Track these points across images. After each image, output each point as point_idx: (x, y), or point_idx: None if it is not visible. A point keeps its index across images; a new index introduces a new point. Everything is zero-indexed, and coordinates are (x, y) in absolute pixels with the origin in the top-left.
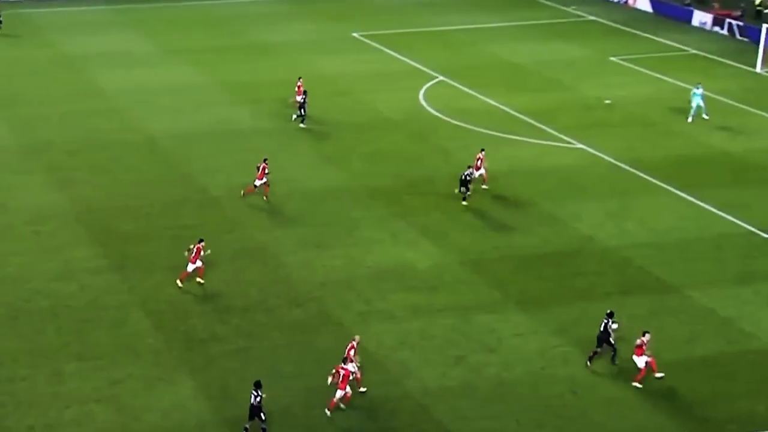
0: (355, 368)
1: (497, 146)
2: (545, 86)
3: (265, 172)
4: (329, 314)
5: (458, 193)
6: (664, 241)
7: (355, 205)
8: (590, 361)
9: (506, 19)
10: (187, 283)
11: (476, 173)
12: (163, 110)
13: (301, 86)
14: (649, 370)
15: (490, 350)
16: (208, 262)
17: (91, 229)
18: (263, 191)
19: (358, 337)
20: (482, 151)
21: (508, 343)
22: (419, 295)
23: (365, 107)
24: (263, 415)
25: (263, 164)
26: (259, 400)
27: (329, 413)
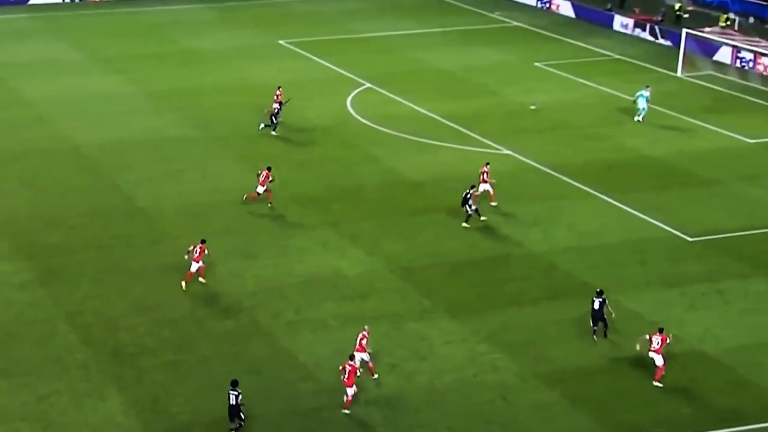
0: (367, 357)
1: (425, 153)
2: (471, 92)
3: (268, 179)
4: (260, 324)
5: (469, 213)
6: (590, 245)
7: (284, 213)
8: (595, 335)
9: (432, 25)
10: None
11: (482, 188)
12: (89, 119)
13: (280, 95)
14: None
15: (421, 358)
16: (136, 274)
17: (15, 241)
18: (266, 198)
19: (367, 327)
20: (487, 164)
21: (439, 350)
22: (350, 303)
23: (294, 115)
24: (242, 414)
25: (265, 171)
26: (237, 399)
27: (347, 412)
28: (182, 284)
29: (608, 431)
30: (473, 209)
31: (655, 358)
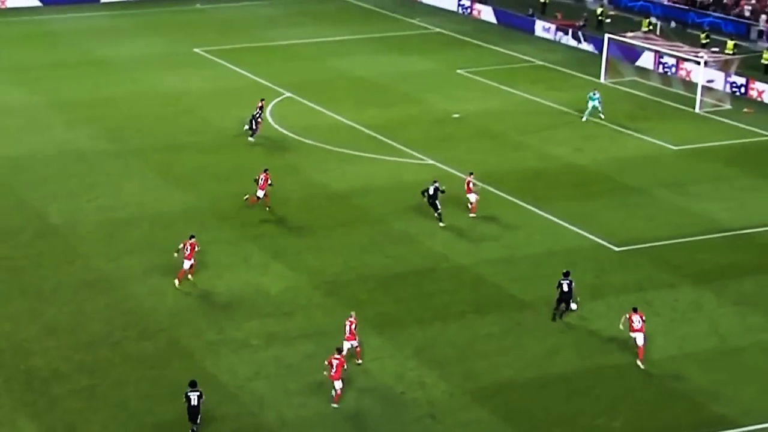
0: (356, 343)
1: (348, 164)
2: (393, 100)
3: (267, 182)
4: (180, 345)
5: (437, 216)
6: (516, 256)
7: (204, 228)
8: (555, 318)
9: (352, 32)
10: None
11: (470, 196)
12: None
13: (262, 106)
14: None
15: (347, 376)
16: (48, 295)
17: None
18: (265, 202)
19: (353, 313)
20: (471, 174)
21: (365, 368)
22: (273, 321)
23: (211, 126)
24: (199, 417)
25: (264, 175)
26: (199, 400)
27: (336, 406)
28: (175, 282)
29: None
30: (439, 210)
31: (636, 337)
